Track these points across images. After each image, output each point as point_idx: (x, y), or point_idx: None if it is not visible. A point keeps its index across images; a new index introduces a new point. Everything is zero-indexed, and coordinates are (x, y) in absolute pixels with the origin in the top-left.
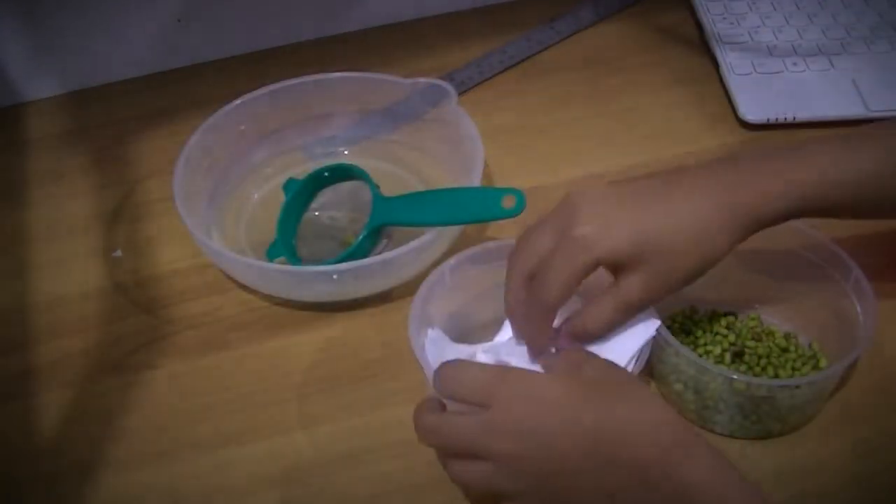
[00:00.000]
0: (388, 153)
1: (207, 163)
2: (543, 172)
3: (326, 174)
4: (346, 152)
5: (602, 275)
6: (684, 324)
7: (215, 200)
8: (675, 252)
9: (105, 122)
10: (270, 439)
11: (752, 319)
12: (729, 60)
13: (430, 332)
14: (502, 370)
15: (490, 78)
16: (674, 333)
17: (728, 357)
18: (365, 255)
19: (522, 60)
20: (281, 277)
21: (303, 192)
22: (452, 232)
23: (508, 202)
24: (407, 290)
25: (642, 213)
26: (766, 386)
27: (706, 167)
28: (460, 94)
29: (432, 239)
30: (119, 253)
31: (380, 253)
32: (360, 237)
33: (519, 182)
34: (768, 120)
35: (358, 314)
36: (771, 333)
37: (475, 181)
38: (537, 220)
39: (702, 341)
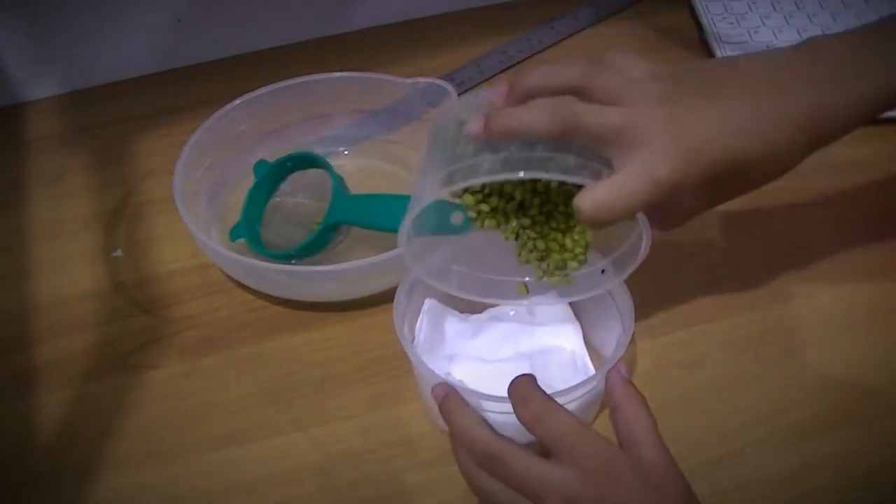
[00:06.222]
0: (388, 153)
1: (207, 163)
2: None
3: (289, 164)
4: (346, 152)
5: None
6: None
7: (215, 200)
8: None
9: (105, 122)
10: (270, 439)
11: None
12: None
13: (426, 302)
14: (593, 434)
15: (490, 78)
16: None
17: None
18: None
19: (522, 60)
20: (281, 277)
21: (271, 176)
22: None
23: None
24: None
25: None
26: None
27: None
28: (460, 94)
29: None
30: (119, 253)
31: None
32: (316, 231)
33: None
34: None
35: (358, 314)
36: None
37: None
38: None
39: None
